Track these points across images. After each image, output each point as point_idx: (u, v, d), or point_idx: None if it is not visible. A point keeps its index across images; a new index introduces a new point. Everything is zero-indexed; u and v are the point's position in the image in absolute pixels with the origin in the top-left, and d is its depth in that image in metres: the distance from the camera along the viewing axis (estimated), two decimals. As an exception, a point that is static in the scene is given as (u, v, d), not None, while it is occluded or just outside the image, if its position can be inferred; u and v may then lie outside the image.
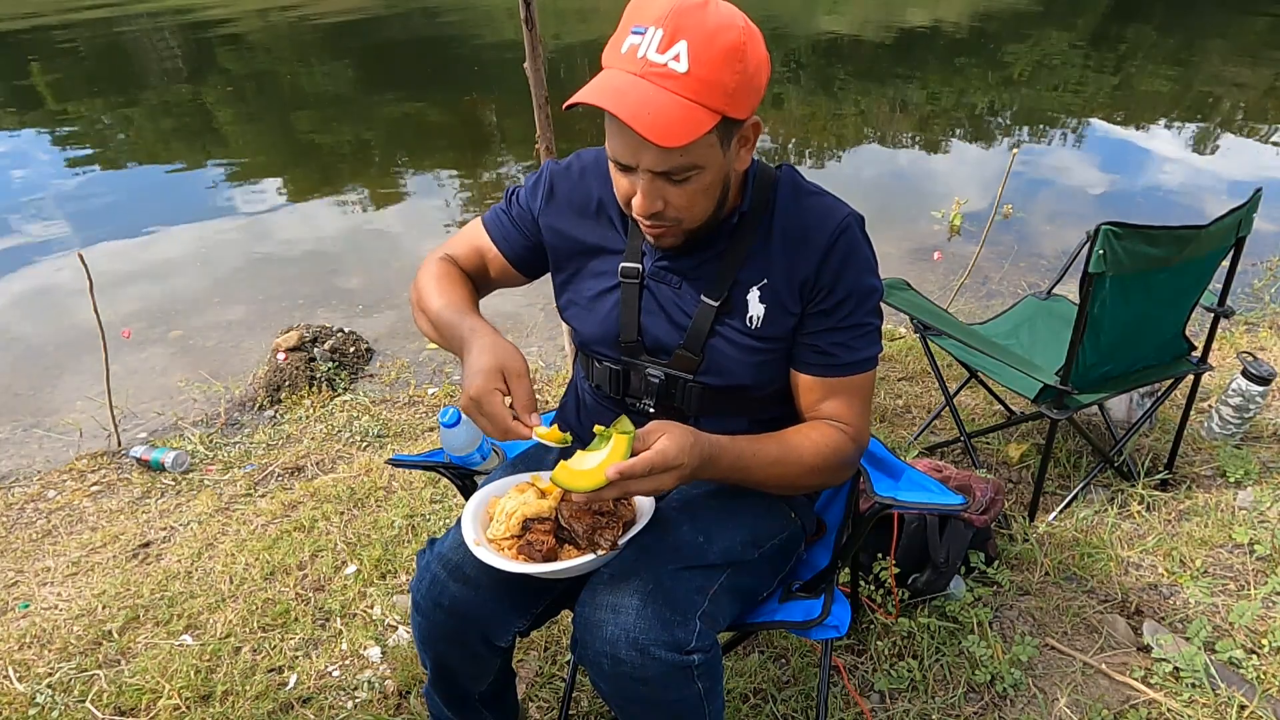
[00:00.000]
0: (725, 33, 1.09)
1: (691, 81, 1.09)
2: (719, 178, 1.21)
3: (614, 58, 1.14)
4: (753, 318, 1.31)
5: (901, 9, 12.62)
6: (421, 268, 1.47)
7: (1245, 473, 2.49)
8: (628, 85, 1.10)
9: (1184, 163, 6.22)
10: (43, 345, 4.24)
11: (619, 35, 1.14)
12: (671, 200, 1.20)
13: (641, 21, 1.11)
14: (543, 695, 1.91)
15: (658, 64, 1.09)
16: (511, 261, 1.47)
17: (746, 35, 1.11)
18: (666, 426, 1.17)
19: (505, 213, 1.47)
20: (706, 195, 1.21)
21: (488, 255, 1.48)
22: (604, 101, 1.10)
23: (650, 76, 1.09)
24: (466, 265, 1.48)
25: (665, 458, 1.12)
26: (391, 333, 4.14)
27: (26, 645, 2.18)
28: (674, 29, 1.08)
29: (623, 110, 1.09)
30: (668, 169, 1.15)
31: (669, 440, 1.14)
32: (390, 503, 2.65)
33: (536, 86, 2.61)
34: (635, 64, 1.10)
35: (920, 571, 2.03)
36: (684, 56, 1.08)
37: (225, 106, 9.13)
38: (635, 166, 1.17)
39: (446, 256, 1.48)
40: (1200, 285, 2.28)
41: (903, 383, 3.23)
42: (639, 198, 1.19)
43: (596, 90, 1.11)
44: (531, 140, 2.70)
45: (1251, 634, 1.95)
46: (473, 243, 1.49)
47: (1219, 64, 8.98)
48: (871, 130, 7.36)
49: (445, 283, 1.41)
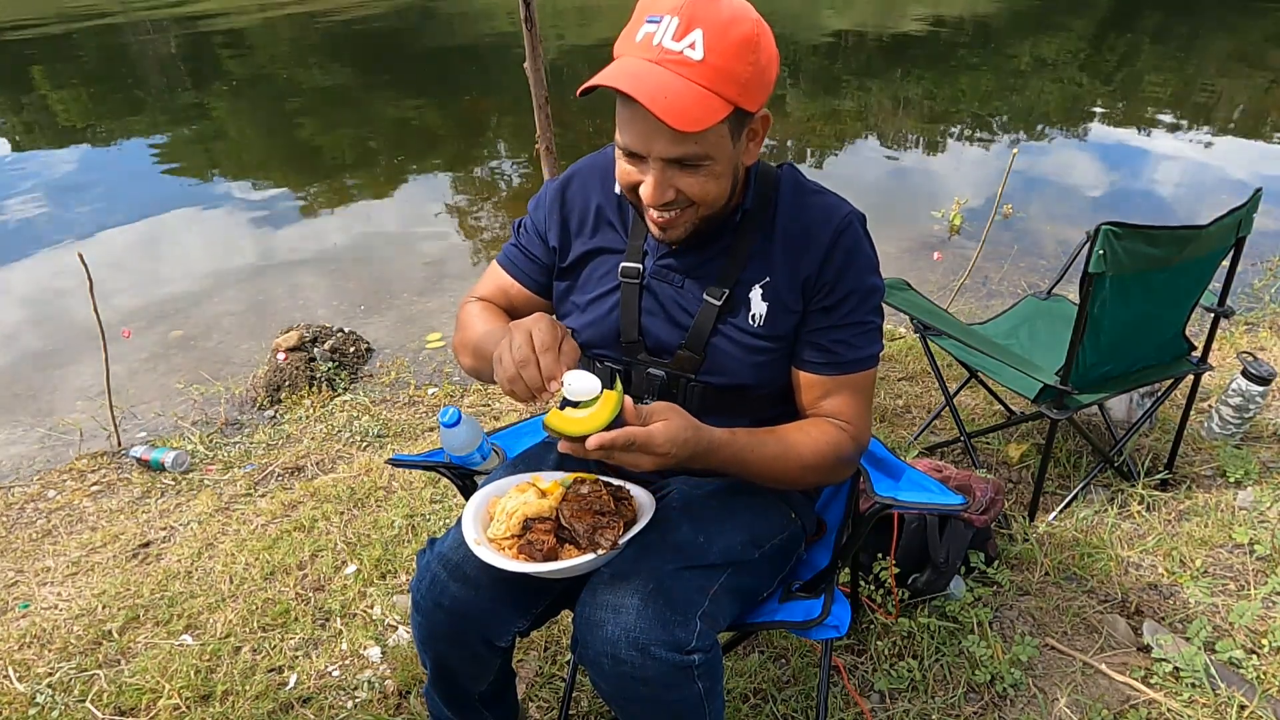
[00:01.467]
0: (739, 24, 1.11)
1: (707, 69, 1.10)
2: (728, 169, 1.22)
3: (628, 46, 1.15)
4: (755, 316, 1.31)
5: (902, 8, 12.62)
6: (459, 315, 1.51)
7: (1245, 473, 2.49)
8: (644, 70, 1.11)
9: (1184, 162, 6.22)
10: (43, 345, 4.24)
11: (633, 25, 1.15)
12: (683, 188, 1.20)
13: (657, 11, 1.12)
14: (543, 695, 1.91)
15: (673, 51, 1.10)
16: (535, 292, 1.49)
17: (759, 29, 1.14)
18: (669, 413, 1.17)
19: (516, 246, 1.49)
20: (717, 184, 1.22)
21: (511, 292, 1.50)
22: (622, 84, 1.10)
23: (666, 63, 1.11)
24: (496, 304, 1.51)
25: (650, 439, 1.12)
26: (391, 333, 4.15)
27: (26, 645, 2.18)
28: (689, 17, 1.10)
29: (641, 93, 1.09)
30: (680, 156, 1.16)
31: (663, 427, 1.14)
32: (390, 503, 2.65)
33: (536, 86, 2.61)
34: (651, 51, 1.12)
35: (920, 571, 2.03)
36: (699, 44, 1.10)
37: (225, 106, 9.13)
38: (647, 155, 1.17)
39: (478, 299, 1.52)
40: (1200, 285, 2.28)
41: (903, 383, 3.23)
42: (649, 187, 1.19)
43: (613, 74, 1.12)
44: (531, 140, 2.70)
45: (1251, 634, 1.95)
46: (495, 284, 1.51)
47: (1219, 63, 8.99)
48: (871, 130, 7.36)
49: (485, 315, 1.45)
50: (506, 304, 1.50)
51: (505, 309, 1.50)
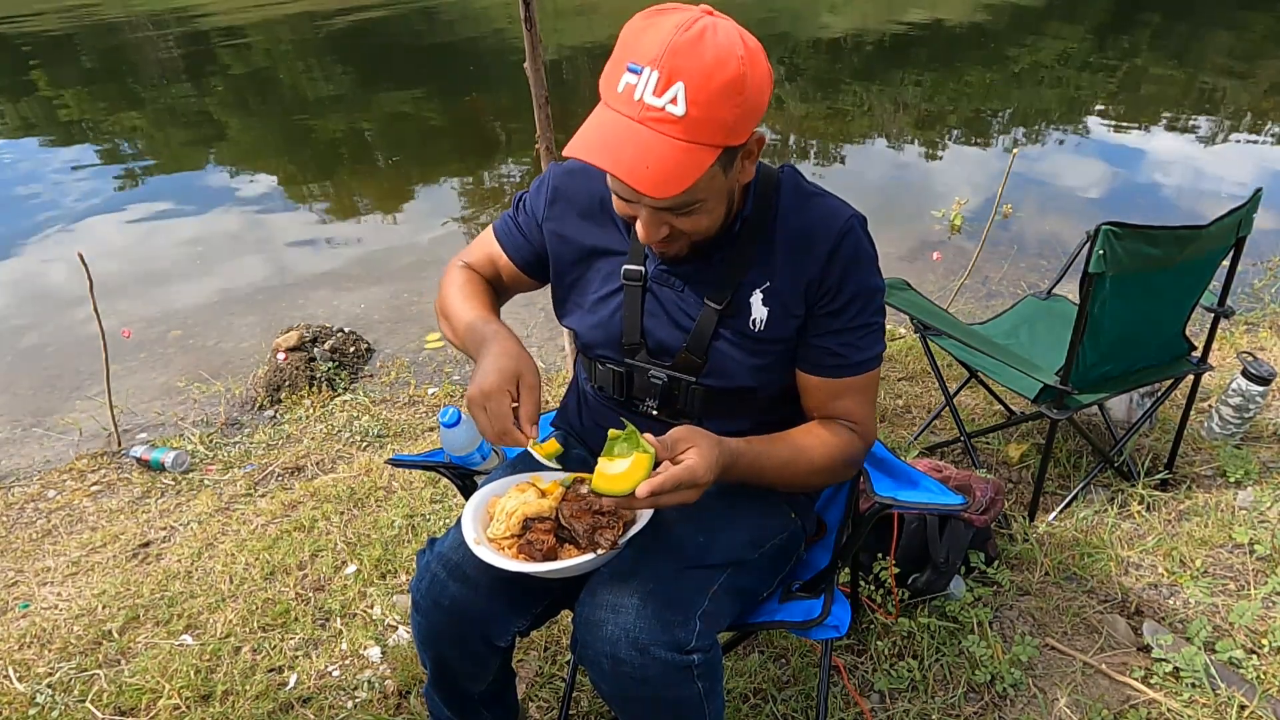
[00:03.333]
0: (723, 68, 1.06)
1: (690, 124, 1.07)
2: (722, 200, 1.22)
3: (610, 94, 1.11)
4: (756, 320, 1.31)
5: (902, 8, 12.62)
6: (444, 275, 1.50)
7: (1245, 473, 2.49)
8: (625, 134, 1.08)
9: (1184, 162, 6.22)
10: (43, 345, 4.24)
11: (614, 67, 1.11)
12: (677, 225, 1.21)
13: (637, 59, 1.08)
14: (543, 695, 1.91)
15: (655, 107, 1.07)
16: (522, 269, 1.48)
17: (746, 64, 1.08)
18: (694, 439, 1.17)
19: (514, 220, 1.49)
20: (710, 217, 1.22)
21: (499, 263, 1.49)
22: (602, 161, 1.09)
23: (648, 122, 1.08)
24: (483, 273, 1.51)
25: (694, 474, 1.13)
26: (391, 333, 4.14)
27: (26, 645, 2.18)
28: (670, 70, 1.05)
29: (620, 169, 1.08)
30: (670, 206, 1.16)
31: (697, 456, 1.14)
32: (390, 503, 2.65)
33: (536, 86, 2.61)
34: (632, 107, 1.08)
35: (920, 571, 2.03)
36: (681, 99, 1.06)
37: (225, 106, 9.13)
38: (637, 201, 1.18)
39: (466, 265, 1.51)
40: (1200, 285, 2.28)
41: (903, 383, 3.23)
42: (643, 229, 1.20)
43: (593, 145, 1.10)
44: (532, 140, 2.70)
45: (1251, 634, 1.95)
46: (486, 251, 1.51)
47: (1220, 63, 8.98)
48: (871, 130, 7.36)
49: (468, 289, 1.44)
50: (493, 273, 1.51)
51: (491, 278, 1.50)
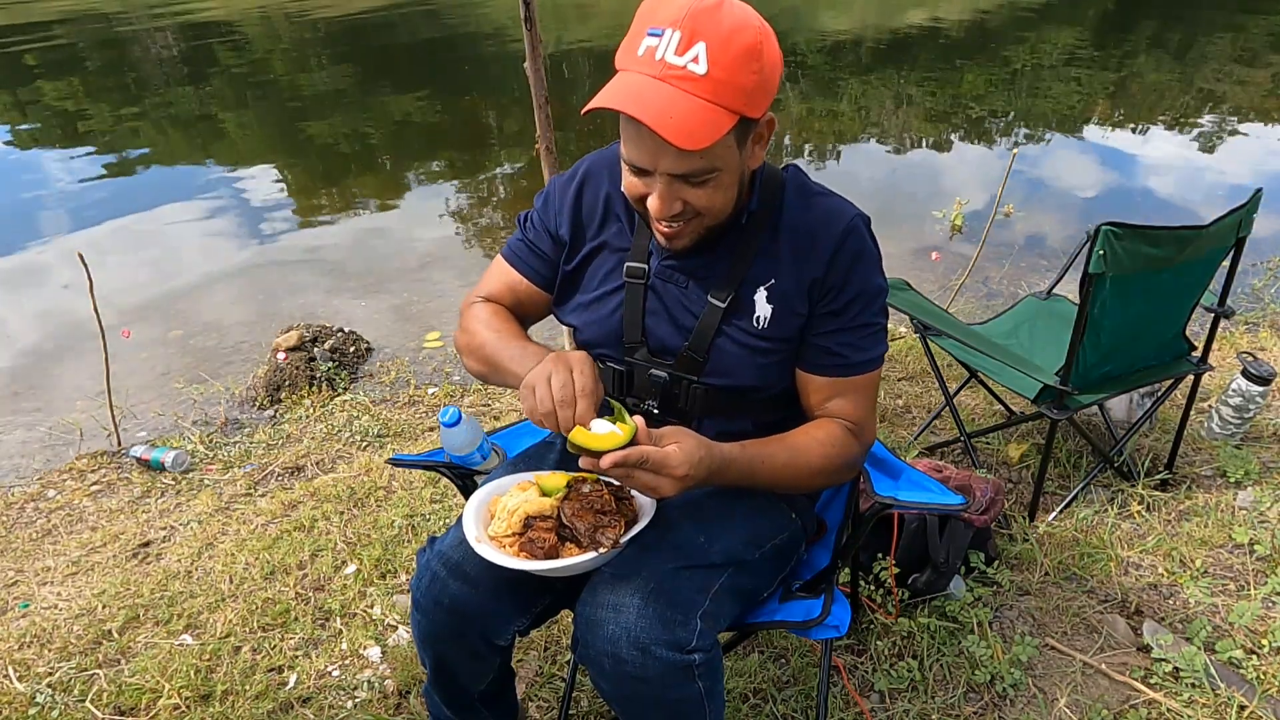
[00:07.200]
0: (742, 33, 1.10)
1: (711, 83, 1.09)
2: (735, 178, 1.22)
3: (630, 60, 1.13)
4: (759, 318, 1.31)
5: (902, 8, 12.62)
6: (464, 314, 1.48)
7: (1245, 473, 2.49)
8: (648, 89, 1.10)
9: (1184, 163, 6.22)
10: (43, 345, 4.24)
11: (633, 37, 1.13)
12: (690, 200, 1.20)
13: (657, 23, 1.10)
14: (543, 695, 1.91)
15: (676, 66, 1.09)
16: (542, 287, 1.47)
17: (762, 35, 1.12)
18: (680, 435, 1.18)
19: (523, 240, 1.47)
20: (724, 194, 1.22)
21: (519, 289, 1.48)
22: (628, 107, 1.09)
23: (670, 79, 1.09)
24: (503, 304, 1.49)
25: (667, 460, 1.13)
26: (391, 332, 4.14)
27: (26, 645, 2.18)
28: (691, 30, 1.08)
29: (647, 115, 1.08)
30: (687, 171, 1.16)
31: (678, 449, 1.15)
32: (390, 502, 2.65)
33: (536, 86, 2.61)
34: (654, 66, 1.10)
35: (920, 571, 2.03)
36: (703, 58, 1.08)
37: (225, 106, 9.13)
38: (653, 170, 1.17)
39: (484, 299, 1.49)
40: (1200, 285, 2.28)
41: (903, 383, 3.23)
42: (656, 200, 1.19)
43: (618, 95, 1.11)
44: (532, 140, 2.70)
45: (1251, 634, 1.95)
46: (502, 280, 1.49)
47: (1219, 63, 8.99)
48: (872, 130, 7.36)
49: (496, 320, 1.43)
50: (513, 301, 1.49)
51: (512, 306, 1.49)
